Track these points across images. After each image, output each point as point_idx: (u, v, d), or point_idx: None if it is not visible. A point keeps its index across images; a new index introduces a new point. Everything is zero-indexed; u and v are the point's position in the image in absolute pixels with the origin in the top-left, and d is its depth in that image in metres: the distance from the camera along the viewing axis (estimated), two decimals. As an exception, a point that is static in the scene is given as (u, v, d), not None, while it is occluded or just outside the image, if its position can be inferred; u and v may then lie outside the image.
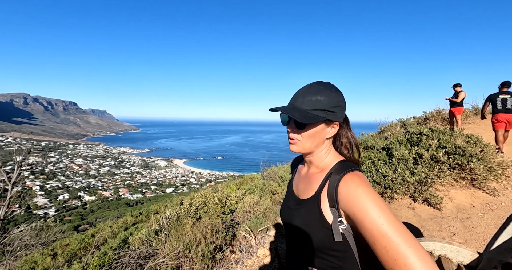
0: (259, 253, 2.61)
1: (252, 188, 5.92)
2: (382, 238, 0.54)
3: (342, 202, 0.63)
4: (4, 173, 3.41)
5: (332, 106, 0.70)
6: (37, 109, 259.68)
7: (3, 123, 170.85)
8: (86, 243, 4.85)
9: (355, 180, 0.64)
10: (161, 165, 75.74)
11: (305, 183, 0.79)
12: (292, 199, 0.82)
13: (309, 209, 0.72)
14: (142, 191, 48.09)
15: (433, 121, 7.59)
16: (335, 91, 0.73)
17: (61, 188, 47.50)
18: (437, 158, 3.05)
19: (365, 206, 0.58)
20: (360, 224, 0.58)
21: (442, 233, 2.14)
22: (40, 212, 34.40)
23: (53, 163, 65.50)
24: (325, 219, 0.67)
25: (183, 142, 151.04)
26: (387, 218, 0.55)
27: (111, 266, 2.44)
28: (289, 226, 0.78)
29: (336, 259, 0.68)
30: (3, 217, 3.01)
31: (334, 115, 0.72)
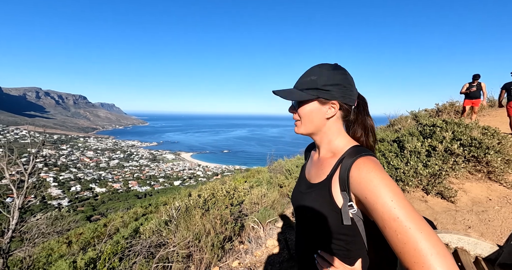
0: (268, 244, 2.63)
1: (260, 180, 5.94)
2: (393, 221, 0.52)
3: (354, 185, 0.62)
4: (21, 164, 3.51)
5: (325, 85, 0.69)
6: (49, 103, 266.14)
7: (17, 116, 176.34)
8: (99, 232, 5.02)
9: (368, 164, 0.62)
10: (169, 158, 77.01)
11: (317, 168, 0.78)
12: (303, 184, 0.82)
13: (319, 193, 0.71)
14: (150, 183, 49.18)
15: (446, 113, 7.36)
16: (334, 70, 0.71)
17: (73, 179, 49.08)
18: (452, 150, 2.96)
19: (377, 189, 0.57)
20: (371, 207, 0.57)
21: (456, 226, 2.09)
22: (54, 203, 35.78)
23: (65, 155, 67.54)
24: (335, 203, 0.66)
25: (190, 135, 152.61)
26: (399, 202, 0.54)
27: (124, 254, 2.50)
28: (299, 210, 0.79)
29: (344, 243, 0.68)
30: (21, 206, 3.11)
31: (329, 94, 0.70)
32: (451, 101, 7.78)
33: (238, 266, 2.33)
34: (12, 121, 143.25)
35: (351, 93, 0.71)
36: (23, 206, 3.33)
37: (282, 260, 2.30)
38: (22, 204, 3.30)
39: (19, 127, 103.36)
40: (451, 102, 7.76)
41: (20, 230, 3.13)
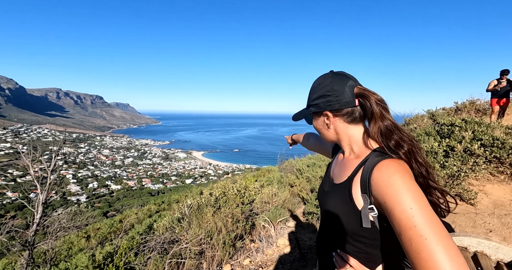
0: (279, 243, 2.64)
1: (270, 180, 5.94)
2: (409, 230, 0.50)
3: (374, 188, 0.61)
4: (44, 162, 3.70)
5: (313, 99, 0.77)
6: (68, 103, 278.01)
7: (39, 116, 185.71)
8: (115, 227, 5.21)
9: (390, 167, 0.61)
10: (181, 156, 78.48)
11: (340, 168, 0.79)
12: (327, 182, 0.84)
13: (340, 193, 0.71)
14: (163, 181, 50.35)
15: (466, 112, 7.03)
16: (322, 82, 0.75)
17: (91, 176, 51.11)
18: (472, 151, 2.83)
19: (398, 194, 0.55)
20: (389, 212, 0.56)
21: (476, 230, 2.00)
22: (73, 198, 37.42)
23: (83, 153, 70.41)
24: (355, 204, 0.66)
25: (201, 134, 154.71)
26: (420, 210, 0.52)
27: (139, 249, 2.59)
28: (322, 207, 0.81)
29: (364, 245, 0.67)
30: (44, 201, 3.29)
31: (317, 107, 0.76)
32: (472, 100, 7.42)
33: (250, 264, 2.35)
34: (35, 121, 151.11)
35: (339, 98, 0.71)
36: (46, 201, 3.52)
37: (293, 259, 2.30)
38: (45, 199, 3.48)
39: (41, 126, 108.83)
40: (472, 101, 7.40)
41: (43, 224, 3.31)
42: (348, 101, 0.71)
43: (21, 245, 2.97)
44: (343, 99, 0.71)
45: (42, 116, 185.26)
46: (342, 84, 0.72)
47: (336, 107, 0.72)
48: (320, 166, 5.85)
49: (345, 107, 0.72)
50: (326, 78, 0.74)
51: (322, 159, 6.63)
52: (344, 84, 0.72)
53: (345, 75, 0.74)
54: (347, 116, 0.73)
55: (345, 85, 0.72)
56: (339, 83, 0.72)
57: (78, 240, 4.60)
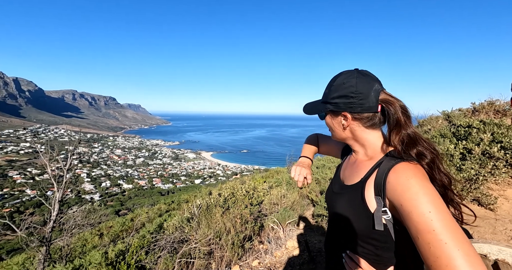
0: (288, 245, 2.62)
1: (279, 181, 5.91)
2: (428, 233, 0.50)
3: (390, 191, 0.60)
4: (60, 161, 3.84)
5: (333, 98, 0.72)
6: (83, 104, 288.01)
7: (56, 117, 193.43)
8: (126, 226, 5.33)
9: (407, 170, 0.60)
10: (190, 157, 79.54)
11: (352, 169, 0.78)
12: (337, 183, 0.82)
13: (352, 195, 0.70)
14: (173, 181, 51.16)
15: (484, 113, 6.74)
16: (347, 81, 0.70)
17: (104, 176, 52.63)
18: (491, 154, 2.71)
19: (415, 198, 0.54)
20: (406, 215, 0.55)
21: (496, 236, 1.91)
22: (87, 197, 38.64)
23: (96, 153, 72.65)
24: (367, 207, 0.65)
25: (210, 135, 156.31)
26: (438, 214, 0.51)
27: (149, 248, 2.64)
28: (331, 210, 0.80)
29: (374, 247, 0.66)
30: (60, 199, 3.41)
31: (336, 106, 0.72)
32: (490, 100, 7.11)
33: (258, 266, 2.34)
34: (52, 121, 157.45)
35: (362, 101, 0.68)
36: (62, 199, 3.65)
37: (302, 262, 2.27)
38: (61, 197, 3.61)
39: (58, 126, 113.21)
40: (490, 101, 7.09)
41: (59, 221, 3.44)
42: (371, 106, 0.68)
43: (39, 241, 3.10)
44: (366, 103, 0.68)
45: (59, 117, 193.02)
46: (368, 88, 0.68)
47: (358, 110, 0.69)
48: (330, 167, 5.77)
49: (366, 112, 0.69)
50: (351, 77, 0.70)
51: (331, 161, 6.54)
52: (370, 88, 0.68)
53: (371, 77, 0.70)
54: (366, 121, 0.70)
55: (371, 89, 0.68)
56: (365, 86, 0.68)
57: (91, 238, 4.74)
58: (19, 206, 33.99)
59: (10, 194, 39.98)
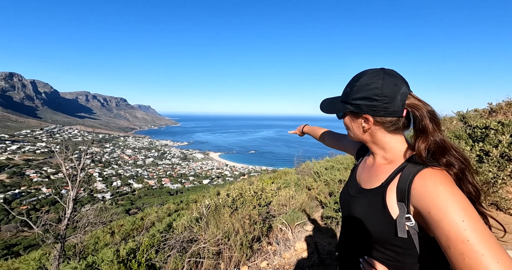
0: (296, 247, 2.59)
1: (287, 182, 5.88)
2: (461, 243, 0.48)
3: (416, 198, 0.58)
4: (74, 160, 3.96)
5: (355, 99, 0.68)
6: (96, 105, 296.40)
7: (70, 117, 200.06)
8: (137, 225, 5.44)
9: (435, 177, 0.57)
10: (198, 157, 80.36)
11: (370, 173, 0.75)
12: (354, 186, 0.80)
13: (371, 200, 0.68)
14: (181, 181, 51.83)
15: (502, 114, 6.48)
16: (372, 82, 0.64)
17: (115, 175, 53.90)
18: (510, 156, 2.60)
19: (445, 206, 0.52)
20: (435, 224, 0.53)
21: (517, 243, 1.83)
22: (99, 195, 39.69)
23: (108, 153, 74.54)
24: (389, 213, 0.63)
25: (218, 135, 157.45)
26: (472, 223, 0.49)
27: (159, 247, 2.67)
28: (347, 213, 0.77)
29: (395, 253, 0.64)
30: (74, 197, 3.52)
31: (358, 108, 0.68)
32: (509, 100, 6.83)
33: (267, 267, 2.34)
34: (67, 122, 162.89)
35: (387, 105, 0.64)
36: (76, 198, 3.76)
37: (312, 264, 2.25)
38: (75, 196, 3.72)
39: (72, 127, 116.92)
40: (509, 102, 6.80)
41: (73, 219, 3.54)
42: (395, 111, 0.63)
43: (54, 238, 3.20)
44: (391, 108, 0.63)
45: (72, 118, 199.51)
46: (395, 91, 0.63)
47: (381, 114, 0.65)
48: (339, 169, 5.69)
49: (390, 117, 0.65)
50: (377, 78, 0.64)
51: (340, 162, 6.44)
52: (397, 91, 0.63)
53: (399, 79, 0.65)
54: (389, 125, 0.66)
55: (398, 93, 0.63)
56: (392, 89, 0.63)
57: (103, 235, 4.85)
58: (35, 204, 35.31)
59: (27, 192, 41.59)
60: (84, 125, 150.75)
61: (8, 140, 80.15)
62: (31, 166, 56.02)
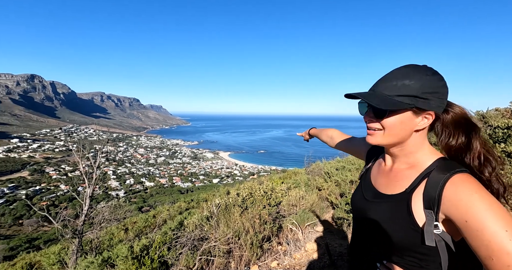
0: (307, 247, 2.58)
1: (297, 182, 5.84)
2: (507, 255, 0.46)
3: (448, 206, 0.56)
4: (90, 159, 4.11)
5: (424, 92, 0.59)
6: (110, 105, 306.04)
7: (87, 117, 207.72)
8: (149, 222, 5.57)
9: (468, 184, 0.55)
10: (208, 156, 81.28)
11: (389, 177, 0.72)
12: (370, 191, 0.76)
13: (394, 206, 0.65)
14: (192, 180, 52.64)
15: (525, 113, 6.15)
16: (432, 74, 0.61)
17: (128, 173, 55.50)
18: (534, 158, 2.46)
19: (485, 215, 0.50)
20: (473, 234, 0.51)
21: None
22: (113, 193, 40.99)
23: (121, 152, 76.86)
24: (415, 220, 0.60)
25: (227, 135, 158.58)
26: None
27: (171, 244, 2.73)
28: (362, 217, 0.75)
29: (418, 260, 0.62)
30: (90, 195, 3.65)
31: (427, 103, 0.60)
32: (533, 99, 6.47)
33: (277, 267, 2.34)
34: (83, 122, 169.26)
35: (444, 101, 0.63)
36: (92, 195, 3.91)
37: (322, 265, 2.22)
38: (91, 193, 3.86)
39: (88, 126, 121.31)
40: (532, 100, 6.45)
41: (90, 215, 3.68)
42: (442, 107, 0.62)
43: (72, 233, 3.34)
44: (443, 102, 0.62)
45: (88, 118, 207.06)
46: (446, 86, 0.62)
47: (440, 111, 0.62)
48: (350, 169, 5.59)
49: (440, 112, 0.63)
50: (436, 73, 0.61)
51: (352, 162, 6.33)
52: (447, 87, 0.62)
53: None
54: (430, 120, 0.64)
55: (447, 88, 0.62)
56: (445, 85, 0.62)
57: (118, 232, 5.01)
58: (54, 200, 36.98)
59: (47, 189, 43.61)
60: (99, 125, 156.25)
61: (29, 139, 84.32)
62: (51, 163, 58.68)
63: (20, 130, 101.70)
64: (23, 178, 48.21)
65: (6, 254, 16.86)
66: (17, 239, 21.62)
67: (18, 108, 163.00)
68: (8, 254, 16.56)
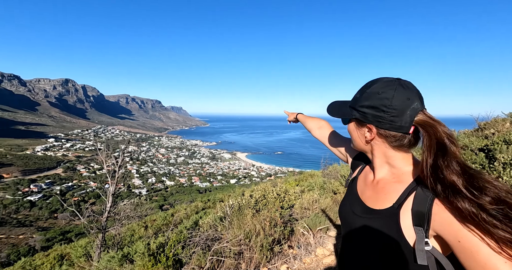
0: (317, 252, 2.55)
1: (312, 185, 5.77)
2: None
3: (439, 223, 0.54)
4: (114, 158, 4.39)
5: (362, 106, 0.64)
6: (134, 107, 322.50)
7: (113, 118, 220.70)
8: (167, 220, 5.81)
9: None
10: (226, 157, 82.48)
11: (375, 190, 0.69)
12: (358, 204, 0.73)
13: (383, 223, 0.63)
14: (210, 180, 53.73)
15: None
16: (383, 91, 0.60)
17: (150, 172, 58.00)
18: None
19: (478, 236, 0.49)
20: (467, 254, 0.50)
21: None
22: (137, 191, 43.05)
23: (144, 152, 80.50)
24: (405, 238, 0.58)
25: (245, 136, 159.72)
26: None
27: (185, 243, 2.84)
28: (351, 231, 0.72)
29: None
30: (114, 192, 3.91)
31: (363, 116, 0.64)
32: None
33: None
34: (110, 122, 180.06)
35: (393, 119, 0.60)
36: (115, 192, 4.17)
37: (332, 272, 2.19)
38: (115, 191, 4.13)
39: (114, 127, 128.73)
40: None
41: (113, 212, 3.93)
42: (402, 126, 0.59)
43: (97, 228, 3.59)
44: (398, 122, 0.59)
45: (115, 119, 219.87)
46: (406, 105, 0.58)
47: (385, 127, 0.61)
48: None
49: (394, 131, 0.61)
50: (389, 88, 0.60)
51: (370, 166, 6.11)
52: (408, 105, 0.58)
53: (413, 92, 0.60)
54: (393, 140, 0.62)
55: (408, 107, 0.58)
56: (402, 102, 0.59)
57: (138, 229, 5.29)
58: (84, 196, 39.69)
59: (78, 185, 46.95)
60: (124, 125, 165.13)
61: (63, 138, 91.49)
62: (81, 162, 63.10)
63: (56, 131, 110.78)
64: (58, 175, 52.40)
65: (43, 244, 18.50)
66: (52, 231, 23.55)
67: (54, 110, 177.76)
68: (44, 245, 18.17)
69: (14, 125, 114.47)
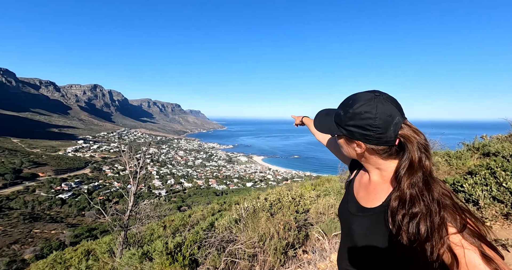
0: (332, 258, 2.51)
1: (328, 190, 5.65)
2: None
3: None
4: (136, 160, 4.63)
5: (348, 125, 0.68)
6: (155, 111, 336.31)
7: (136, 122, 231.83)
8: (185, 221, 5.98)
9: None
10: (242, 160, 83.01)
11: (368, 191, 0.75)
12: (353, 204, 0.80)
13: (373, 220, 0.69)
14: (226, 182, 54.29)
15: None
16: (366, 111, 0.64)
17: (169, 174, 59.88)
18: None
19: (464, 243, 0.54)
20: (451, 260, 0.54)
21: None
22: (156, 192, 44.62)
23: (164, 154, 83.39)
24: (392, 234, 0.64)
25: (261, 139, 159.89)
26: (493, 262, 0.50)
27: (201, 244, 2.92)
28: (348, 229, 0.78)
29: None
30: (135, 192, 4.12)
31: (350, 134, 0.69)
32: None
33: (300, 276, 2.32)
34: (133, 125, 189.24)
35: (380, 136, 0.64)
36: (137, 192, 4.39)
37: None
38: (136, 191, 4.35)
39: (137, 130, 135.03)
40: None
41: (134, 211, 4.14)
42: (387, 141, 0.64)
43: (120, 226, 3.80)
44: (383, 138, 0.64)
45: (138, 122, 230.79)
46: (388, 122, 0.63)
47: (374, 143, 0.66)
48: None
49: (383, 145, 0.66)
50: (371, 107, 0.64)
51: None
52: (390, 122, 0.63)
53: (393, 108, 0.64)
54: (382, 153, 0.68)
55: (391, 123, 0.63)
56: (385, 120, 0.63)
57: (157, 228, 5.50)
58: (109, 195, 41.88)
59: (103, 185, 49.69)
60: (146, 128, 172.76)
61: (91, 140, 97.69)
62: (107, 162, 66.81)
63: (85, 133, 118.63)
64: (85, 175, 55.90)
65: (72, 240, 19.82)
66: (80, 228, 25.10)
67: (84, 114, 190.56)
68: (73, 240, 19.45)
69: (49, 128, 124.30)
